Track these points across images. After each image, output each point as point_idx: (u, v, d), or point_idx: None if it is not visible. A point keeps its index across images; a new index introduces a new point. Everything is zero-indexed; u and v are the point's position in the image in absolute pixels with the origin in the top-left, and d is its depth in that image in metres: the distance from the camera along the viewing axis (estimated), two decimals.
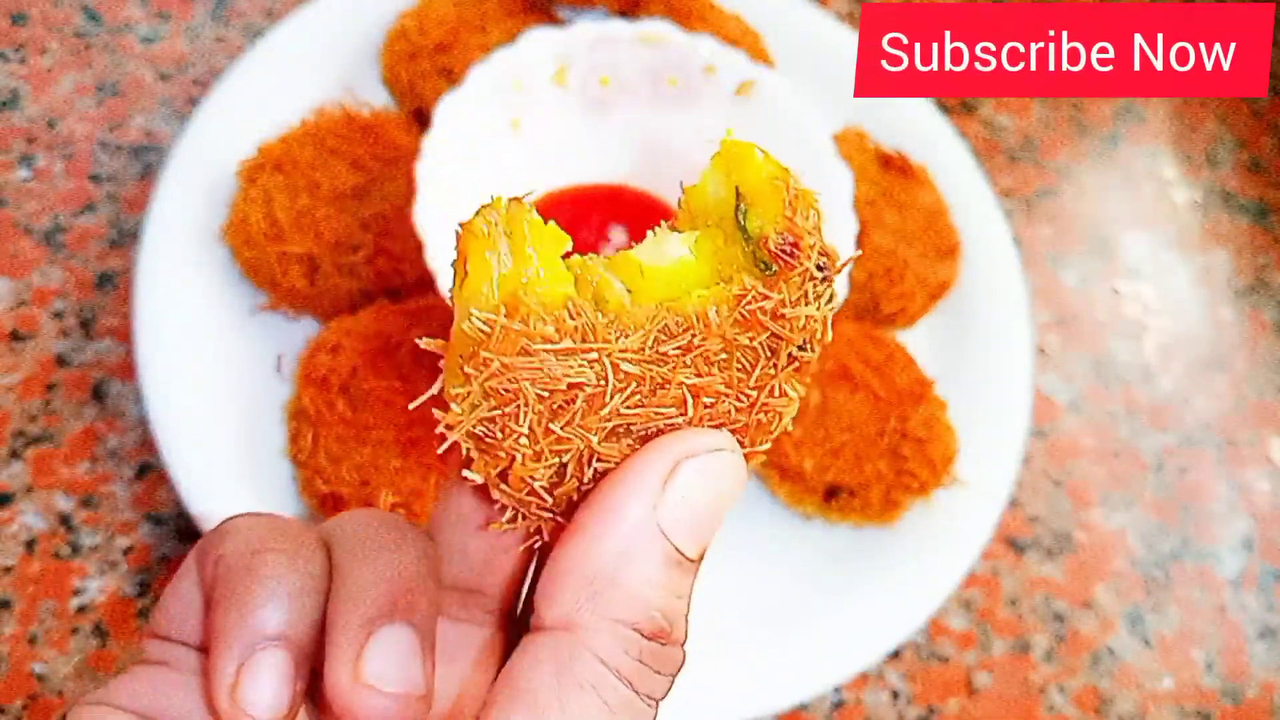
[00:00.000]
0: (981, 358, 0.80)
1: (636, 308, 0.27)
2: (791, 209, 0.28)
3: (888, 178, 0.81)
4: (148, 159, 0.78)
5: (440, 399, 0.28)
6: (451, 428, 0.27)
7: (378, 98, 0.78)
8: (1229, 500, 0.87)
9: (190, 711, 0.29)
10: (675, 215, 0.31)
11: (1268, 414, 0.93)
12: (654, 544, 0.27)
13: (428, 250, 0.64)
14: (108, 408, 0.69)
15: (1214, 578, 0.83)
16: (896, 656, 0.73)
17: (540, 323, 0.26)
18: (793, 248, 0.28)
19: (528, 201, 0.27)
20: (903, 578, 0.70)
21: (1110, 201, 1.02)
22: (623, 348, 0.27)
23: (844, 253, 0.29)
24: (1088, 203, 1.01)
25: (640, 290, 0.28)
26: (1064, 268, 0.96)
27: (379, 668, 0.27)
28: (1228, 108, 1.10)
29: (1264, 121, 1.11)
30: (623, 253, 0.28)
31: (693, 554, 0.28)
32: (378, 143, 0.71)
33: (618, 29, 0.74)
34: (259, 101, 0.74)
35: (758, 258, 0.28)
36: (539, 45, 0.72)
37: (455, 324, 0.28)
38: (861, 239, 0.74)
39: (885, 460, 0.69)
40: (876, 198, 0.79)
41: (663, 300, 0.28)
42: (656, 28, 0.74)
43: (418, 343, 0.29)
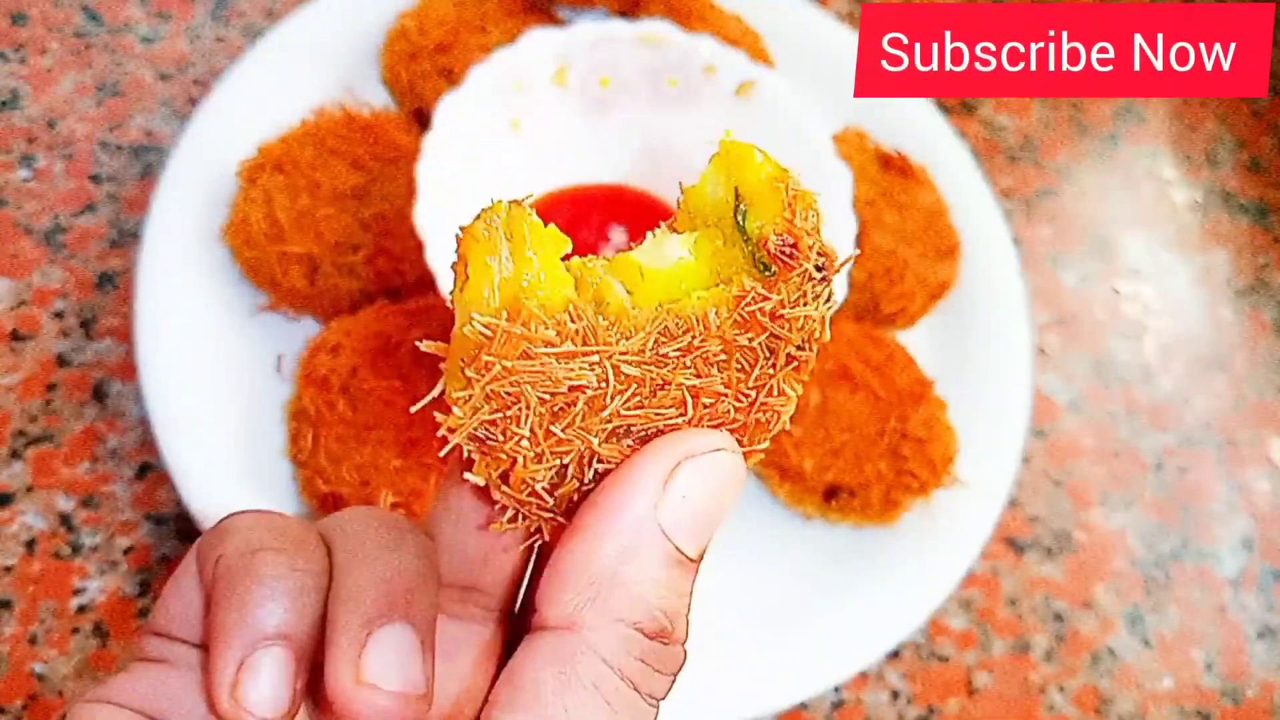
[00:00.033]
0: (981, 358, 0.80)
1: (637, 310, 0.28)
2: (791, 210, 0.28)
3: (887, 178, 0.81)
4: (148, 159, 0.79)
5: (441, 401, 0.28)
6: (454, 430, 0.28)
7: (378, 98, 0.78)
8: (1229, 500, 0.87)
9: (190, 708, 0.29)
10: (674, 215, 0.31)
11: (1268, 414, 0.93)
12: (655, 544, 0.27)
13: (428, 250, 0.64)
14: (108, 408, 0.69)
15: (1214, 578, 0.83)
16: (896, 656, 0.73)
17: (541, 326, 0.26)
18: (792, 249, 0.28)
19: (527, 204, 0.28)
20: (902, 577, 0.70)
21: (1110, 201, 1.02)
22: (624, 350, 0.27)
23: (843, 253, 0.29)
24: (1087, 203, 1.01)
25: (640, 292, 0.28)
26: (1064, 268, 0.96)
27: (379, 667, 0.27)
28: (1228, 108, 1.10)
29: (1264, 121, 1.11)
30: (622, 254, 0.28)
31: (693, 553, 0.28)
32: (378, 143, 0.71)
33: (618, 29, 0.74)
34: (259, 101, 0.74)
35: (757, 258, 0.28)
36: (539, 45, 0.72)
37: (456, 327, 0.28)
38: (861, 239, 0.74)
39: (885, 460, 0.69)
40: (876, 198, 0.79)
41: (663, 302, 0.28)
42: (656, 28, 0.74)
43: (418, 345, 0.29)
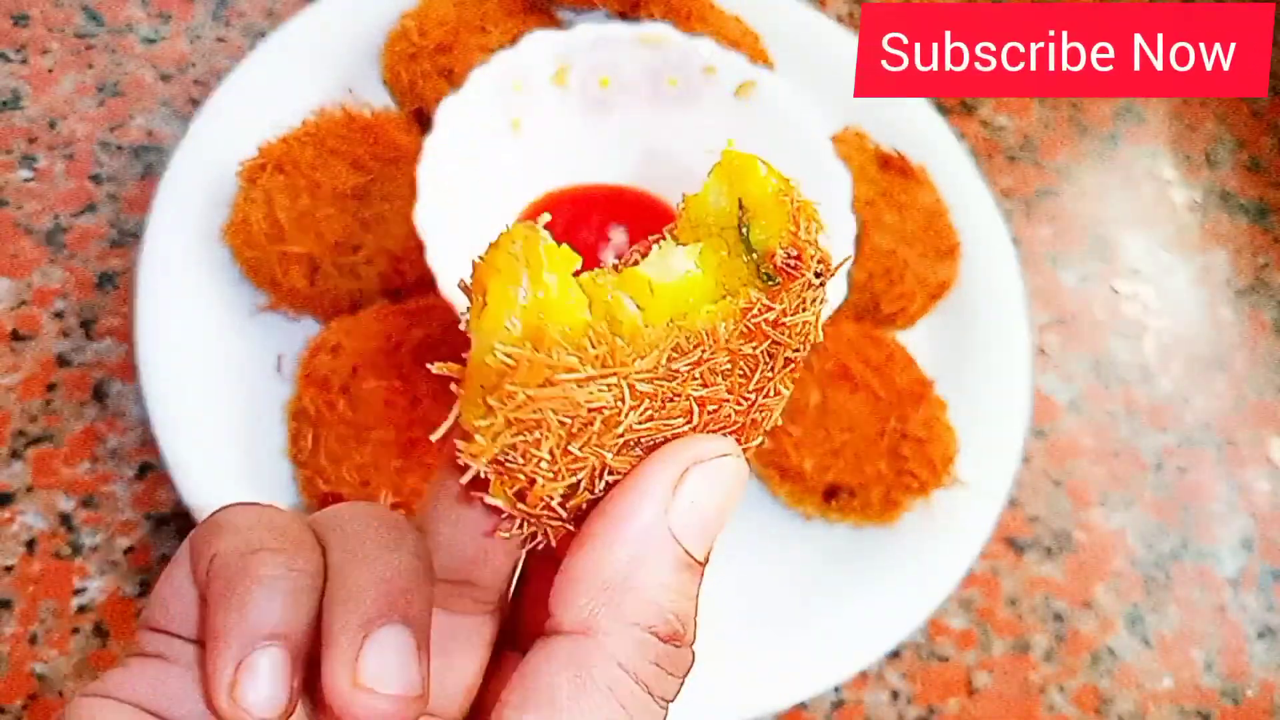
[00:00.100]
0: (981, 358, 0.80)
1: (650, 328, 0.28)
2: (795, 223, 0.28)
3: (887, 178, 0.81)
4: (148, 159, 0.79)
5: (457, 426, 0.29)
6: (476, 457, 0.28)
7: (378, 98, 0.78)
8: (1229, 500, 0.87)
9: (188, 703, 0.29)
10: (675, 220, 0.31)
11: (1268, 414, 0.93)
12: (666, 549, 0.27)
13: (428, 250, 0.64)
14: (108, 408, 0.69)
15: (1214, 578, 0.84)
16: (896, 656, 0.73)
17: (563, 354, 0.27)
18: (796, 260, 0.28)
19: (540, 225, 0.28)
20: (902, 577, 0.70)
21: (1110, 201, 1.02)
22: (639, 369, 0.27)
23: (839, 255, 0.30)
24: (1087, 203, 1.01)
25: (650, 308, 0.28)
26: (1063, 268, 0.96)
27: (377, 669, 0.27)
28: (1227, 108, 1.10)
29: (1264, 121, 1.11)
30: (631, 270, 0.29)
31: (701, 556, 0.28)
32: (378, 143, 0.71)
33: (618, 30, 0.74)
34: (260, 102, 0.74)
35: (761, 270, 0.28)
36: (539, 46, 0.72)
37: (474, 354, 0.28)
38: (861, 239, 0.74)
39: (885, 460, 0.69)
40: (876, 198, 0.79)
41: (673, 318, 0.28)
42: (656, 29, 0.74)
43: (429, 368, 0.30)
